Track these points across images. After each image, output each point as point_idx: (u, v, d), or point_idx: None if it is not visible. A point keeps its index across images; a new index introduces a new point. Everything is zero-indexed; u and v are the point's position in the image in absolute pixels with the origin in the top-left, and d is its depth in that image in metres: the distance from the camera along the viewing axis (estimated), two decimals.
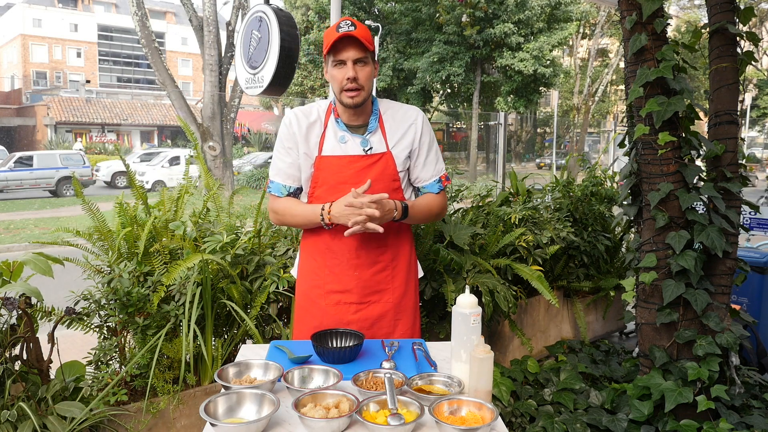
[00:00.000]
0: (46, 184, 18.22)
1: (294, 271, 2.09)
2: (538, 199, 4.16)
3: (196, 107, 13.92)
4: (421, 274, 2.11)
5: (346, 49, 1.79)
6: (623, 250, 4.31)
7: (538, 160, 32.39)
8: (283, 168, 1.94)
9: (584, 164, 4.76)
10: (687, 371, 2.49)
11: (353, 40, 1.78)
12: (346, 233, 1.78)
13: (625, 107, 2.99)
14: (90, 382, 2.15)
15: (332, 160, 1.88)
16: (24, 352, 2.02)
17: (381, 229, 1.76)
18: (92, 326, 2.27)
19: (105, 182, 21.11)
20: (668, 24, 2.59)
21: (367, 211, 1.73)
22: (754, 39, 2.66)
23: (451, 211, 3.54)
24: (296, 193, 1.98)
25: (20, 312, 1.96)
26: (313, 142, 1.90)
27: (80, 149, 24.67)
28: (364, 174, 1.86)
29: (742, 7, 2.63)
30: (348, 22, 1.79)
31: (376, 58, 1.92)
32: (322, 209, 1.83)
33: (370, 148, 1.89)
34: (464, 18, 20.49)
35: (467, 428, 1.20)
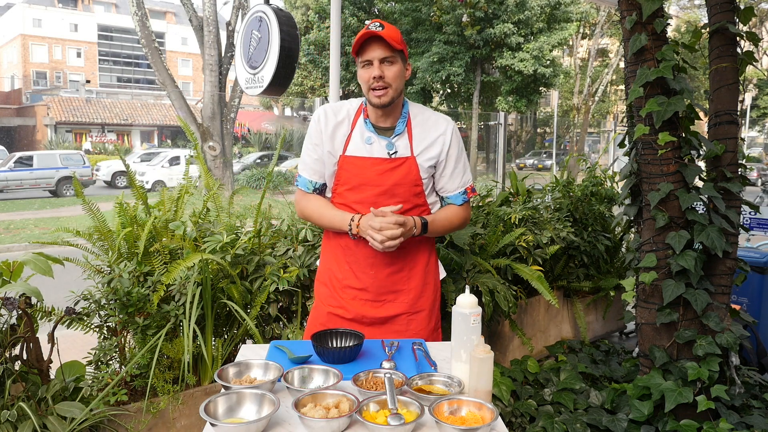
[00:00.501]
0: (46, 184, 18.23)
1: (318, 262, 2.13)
2: (538, 199, 4.16)
3: (196, 107, 13.92)
4: (443, 274, 2.12)
5: (372, 48, 1.80)
6: (623, 250, 4.31)
7: (518, 161, 29.61)
8: (309, 163, 1.96)
9: (584, 164, 4.76)
10: (687, 371, 2.49)
11: (379, 39, 1.78)
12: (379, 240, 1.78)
13: (625, 107, 2.99)
14: (90, 382, 2.15)
15: (355, 161, 1.88)
16: (24, 352, 2.02)
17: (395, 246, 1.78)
18: (92, 326, 2.27)
19: (105, 182, 21.12)
20: (668, 24, 2.59)
21: (388, 233, 1.75)
22: (754, 39, 2.66)
23: None
24: (322, 189, 1.99)
25: (20, 312, 1.96)
26: (338, 141, 1.90)
27: (88, 149, 24.66)
28: (386, 177, 1.87)
29: (742, 7, 2.63)
30: (376, 23, 1.80)
31: (407, 57, 1.91)
32: (351, 220, 1.85)
33: (395, 152, 1.89)
34: (464, 18, 20.49)
35: (467, 428, 1.20)
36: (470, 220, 2.18)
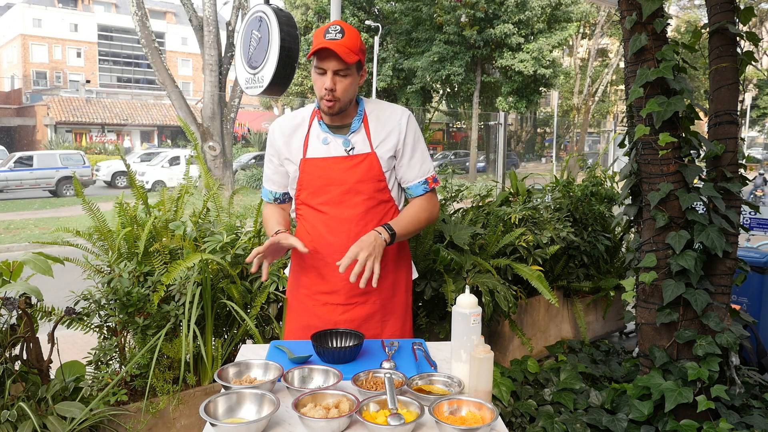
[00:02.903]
0: (46, 184, 18.23)
1: (288, 270, 2.10)
2: (538, 199, 4.16)
3: (196, 107, 13.92)
4: (415, 275, 2.10)
5: (328, 59, 1.77)
6: (623, 250, 4.31)
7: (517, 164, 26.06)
8: (269, 174, 2.02)
9: (584, 164, 4.77)
10: (687, 371, 2.49)
11: (333, 52, 1.75)
12: (355, 280, 1.71)
13: (625, 107, 2.99)
14: (90, 382, 2.15)
15: (316, 162, 1.88)
16: (24, 352, 2.02)
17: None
18: (92, 326, 2.27)
19: (105, 182, 21.12)
20: (668, 24, 2.59)
21: (362, 260, 1.68)
22: (754, 39, 2.66)
23: (451, 211, 3.54)
24: (284, 198, 2.04)
25: (20, 312, 1.96)
26: (296, 147, 1.91)
27: (128, 148, 24.17)
28: (348, 174, 1.86)
29: (742, 7, 2.64)
30: (337, 28, 1.76)
31: (364, 63, 1.89)
32: (274, 234, 1.85)
33: (352, 149, 1.88)
34: (463, 18, 20.50)
35: (467, 428, 1.20)
36: (438, 213, 2.10)
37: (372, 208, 1.89)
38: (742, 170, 2.69)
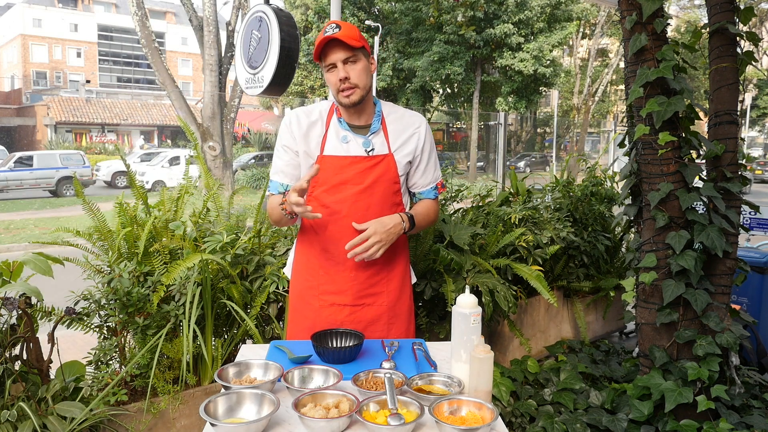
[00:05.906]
0: (46, 184, 18.23)
1: (287, 271, 2.09)
2: (538, 199, 4.16)
3: (196, 107, 13.91)
4: (414, 280, 2.11)
5: (333, 51, 1.80)
6: (623, 250, 4.31)
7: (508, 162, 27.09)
8: (280, 166, 1.95)
9: (584, 164, 4.77)
10: (687, 371, 2.49)
11: (337, 42, 1.79)
12: (351, 257, 1.79)
13: (625, 107, 2.99)
14: (90, 382, 2.15)
15: (334, 160, 1.87)
16: (24, 352, 2.02)
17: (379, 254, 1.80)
18: (92, 326, 2.27)
19: (105, 182, 21.13)
20: (668, 24, 2.60)
21: (370, 243, 1.76)
22: (754, 39, 2.66)
23: (451, 211, 3.54)
24: None
25: (20, 312, 1.96)
26: (314, 142, 1.90)
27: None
28: (365, 175, 1.86)
29: (742, 7, 2.64)
30: (333, 25, 1.80)
31: (371, 53, 1.91)
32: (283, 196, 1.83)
33: (372, 149, 1.89)
34: (459, 18, 20.49)
35: (467, 428, 1.20)
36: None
37: (384, 210, 1.90)
38: (741, 170, 2.69)
